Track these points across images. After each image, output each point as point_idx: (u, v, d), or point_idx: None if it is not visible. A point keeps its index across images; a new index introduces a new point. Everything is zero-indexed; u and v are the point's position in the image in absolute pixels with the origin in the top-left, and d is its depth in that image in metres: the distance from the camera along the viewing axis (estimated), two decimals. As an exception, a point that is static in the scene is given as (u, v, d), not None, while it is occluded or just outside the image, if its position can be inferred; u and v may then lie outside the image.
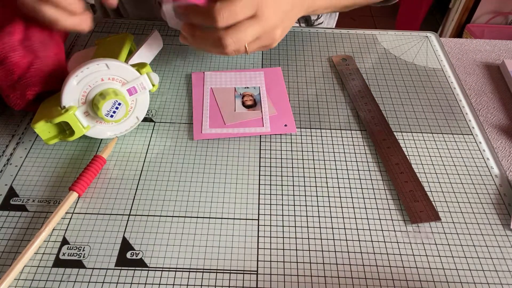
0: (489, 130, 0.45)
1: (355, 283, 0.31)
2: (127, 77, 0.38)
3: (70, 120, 0.36)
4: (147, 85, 0.39)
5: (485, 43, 0.57)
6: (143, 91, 0.39)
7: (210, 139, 0.41)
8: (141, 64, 0.39)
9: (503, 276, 0.32)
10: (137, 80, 0.38)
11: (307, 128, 0.43)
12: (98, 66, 0.36)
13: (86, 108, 0.37)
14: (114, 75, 0.37)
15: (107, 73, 0.36)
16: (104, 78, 0.36)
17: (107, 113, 0.37)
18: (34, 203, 0.35)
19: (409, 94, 0.47)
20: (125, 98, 0.37)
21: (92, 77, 0.36)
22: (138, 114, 0.40)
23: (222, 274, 0.32)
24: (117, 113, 0.37)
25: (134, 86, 0.38)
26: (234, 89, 0.46)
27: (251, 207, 0.36)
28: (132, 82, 0.38)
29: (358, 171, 0.39)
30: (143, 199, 0.36)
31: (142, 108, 0.40)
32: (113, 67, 0.36)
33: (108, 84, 0.37)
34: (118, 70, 0.37)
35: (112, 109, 0.37)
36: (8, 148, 0.40)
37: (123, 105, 0.37)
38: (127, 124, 0.40)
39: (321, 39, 0.54)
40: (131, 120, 0.40)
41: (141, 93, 0.39)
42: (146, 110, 0.41)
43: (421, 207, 0.36)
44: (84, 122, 0.37)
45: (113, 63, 0.36)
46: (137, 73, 0.38)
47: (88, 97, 0.37)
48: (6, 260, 0.32)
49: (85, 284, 0.31)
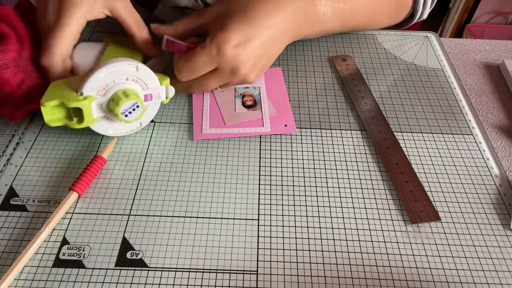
0: (489, 130, 0.45)
1: (355, 283, 0.31)
2: (149, 83, 0.38)
3: (85, 109, 0.36)
4: (163, 96, 0.40)
5: (485, 43, 0.57)
6: (157, 101, 0.40)
7: (210, 139, 0.41)
8: (163, 76, 0.40)
9: (503, 276, 0.32)
10: (156, 89, 0.39)
11: (307, 128, 0.43)
12: (128, 66, 0.36)
13: (102, 102, 0.37)
14: (139, 78, 0.37)
15: (134, 74, 0.37)
16: (129, 78, 0.37)
17: (123, 112, 0.37)
18: (34, 203, 0.35)
19: (409, 94, 0.47)
20: (142, 101, 0.38)
21: (119, 74, 0.36)
22: (142, 120, 0.41)
23: (222, 274, 0.32)
24: (133, 114, 0.37)
25: (152, 93, 0.39)
26: (234, 89, 0.46)
27: (251, 207, 0.36)
28: (151, 89, 0.39)
29: (358, 171, 0.39)
30: (143, 199, 0.36)
31: (148, 116, 0.41)
32: (141, 71, 0.37)
33: (131, 84, 0.37)
34: (145, 74, 0.38)
35: (129, 109, 0.37)
36: (8, 148, 0.40)
37: (140, 108, 0.37)
38: (129, 126, 0.40)
39: (321, 39, 0.54)
40: (134, 124, 0.41)
41: (154, 102, 0.40)
42: (151, 118, 0.41)
43: (421, 207, 0.36)
44: (95, 114, 0.37)
45: (142, 67, 0.37)
46: (158, 82, 0.39)
47: (108, 92, 0.36)
48: (6, 260, 0.32)
49: (85, 284, 0.31)
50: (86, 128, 0.42)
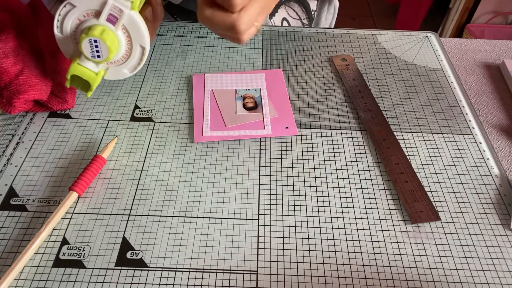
0: (489, 130, 0.45)
1: (355, 283, 0.31)
2: (94, 6, 0.33)
3: (77, 72, 0.34)
4: (123, 4, 0.33)
5: (485, 43, 0.57)
6: (123, 14, 0.33)
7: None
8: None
9: (503, 276, 0.32)
10: (107, 5, 0.33)
11: (307, 128, 0.43)
12: (65, 8, 0.33)
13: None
14: (85, 11, 0.33)
15: (78, 12, 0.33)
16: (80, 18, 0.33)
17: (92, 55, 0.33)
18: (34, 203, 0.35)
19: (409, 94, 0.47)
20: (105, 32, 0.33)
21: (69, 20, 0.33)
22: (140, 42, 0.36)
23: (222, 274, 0.32)
24: (101, 52, 0.33)
25: (110, 13, 0.33)
26: (235, 91, 0.46)
27: (251, 207, 0.36)
28: (104, 10, 0.33)
29: (358, 171, 0.39)
30: (143, 199, 0.36)
31: (140, 34, 0.35)
32: (78, 3, 0.33)
33: (87, 22, 0.33)
34: (83, 3, 0.33)
35: (93, 49, 0.33)
36: (8, 148, 0.40)
37: (101, 42, 0.32)
38: (135, 58, 0.37)
39: (321, 39, 0.54)
40: (137, 52, 0.36)
41: (124, 17, 0.34)
42: (146, 35, 0.35)
43: (421, 207, 0.36)
44: (94, 68, 0.35)
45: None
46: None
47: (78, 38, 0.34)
48: (6, 260, 0.32)
49: (85, 284, 0.31)
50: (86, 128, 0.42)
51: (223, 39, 0.53)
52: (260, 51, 0.52)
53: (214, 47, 0.52)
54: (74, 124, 0.42)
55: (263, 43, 0.53)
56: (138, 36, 0.35)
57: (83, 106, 0.44)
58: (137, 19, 0.34)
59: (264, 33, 0.55)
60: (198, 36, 0.54)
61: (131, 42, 0.36)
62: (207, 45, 0.52)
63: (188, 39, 0.53)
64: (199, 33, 0.54)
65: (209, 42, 0.53)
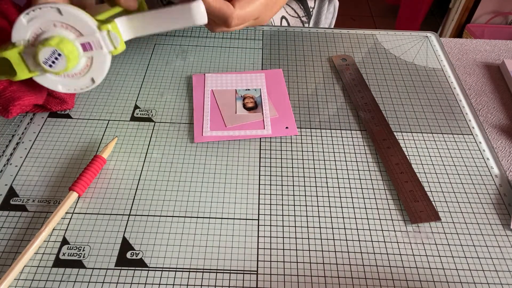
0: (489, 130, 0.45)
1: (355, 283, 0.31)
2: (81, 29, 0.33)
3: (12, 58, 0.33)
4: (106, 45, 0.33)
5: (485, 43, 0.57)
6: (101, 51, 0.34)
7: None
8: (109, 19, 0.34)
9: (503, 276, 0.32)
10: (93, 36, 0.33)
11: (307, 128, 0.43)
12: (50, 9, 0.32)
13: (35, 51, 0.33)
14: (68, 24, 0.33)
15: (60, 19, 0.32)
16: (56, 24, 0.33)
17: (46, 61, 0.33)
18: (34, 203, 0.35)
19: (409, 94, 0.47)
20: (73, 52, 0.33)
21: (45, 20, 0.32)
22: (94, 76, 0.35)
23: (222, 274, 0.32)
24: (56, 64, 0.33)
25: (89, 42, 0.33)
26: (235, 91, 0.46)
27: (251, 207, 0.36)
28: (87, 36, 0.33)
29: (358, 171, 0.39)
30: (143, 199, 0.36)
31: (99, 70, 0.35)
32: (66, 14, 0.32)
33: (60, 31, 0.33)
34: (71, 18, 0.32)
35: (51, 58, 0.33)
36: (8, 148, 0.40)
37: (63, 57, 0.32)
38: (80, 82, 0.36)
39: (321, 39, 0.54)
40: (86, 80, 0.36)
41: (100, 53, 0.34)
42: (104, 74, 0.36)
43: (421, 207, 0.36)
44: (31, 66, 0.34)
45: (67, 9, 0.32)
46: (94, 27, 0.33)
47: (38, 39, 0.33)
48: (6, 260, 0.32)
49: (85, 284, 0.31)
50: (86, 128, 0.42)
51: (223, 39, 0.53)
52: (260, 51, 0.52)
53: (214, 47, 0.52)
54: (74, 124, 0.42)
55: (263, 43, 0.53)
56: (97, 71, 0.35)
57: (83, 106, 0.44)
58: (108, 61, 0.35)
59: (264, 33, 0.55)
60: (198, 36, 0.54)
61: (87, 71, 0.35)
62: (207, 45, 0.52)
63: (188, 39, 0.53)
64: (199, 33, 0.54)
65: (209, 42, 0.53)
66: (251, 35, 0.54)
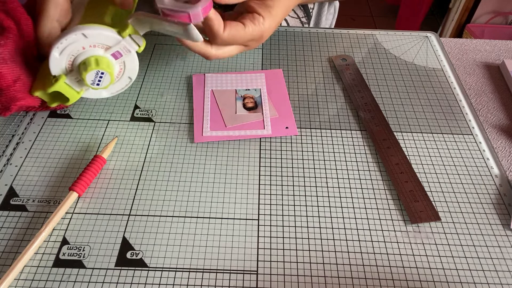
0: (489, 130, 0.45)
1: (355, 283, 0.31)
2: (108, 42, 0.36)
3: (61, 89, 0.37)
4: (132, 47, 0.37)
5: (485, 43, 0.57)
6: (130, 53, 0.38)
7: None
8: (123, 26, 0.36)
9: (503, 276, 0.32)
10: (119, 44, 0.37)
11: (307, 128, 0.43)
12: (76, 37, 0.35)
13: (76, 74, 0.37)
14: (94, 43, 0.36)
15: (87, 42, 0.36)
16: (85, 47, 0.36)
17: (93, 82, 0.37)
18: (34, 203, 0.35)
19: (409, 94, 0.47)
20: (109, 65, 0.37)
21: (73, 47, 0.36)
22: (130, 75, 0.40)
23: (222, 274, 0.32)
24: (103, 82, 0.37)
25: (118, 50, 0.37)
26: (235, 91, 0.46)
27: (251, 207, 0.36)
28: (114, 47, 0.37)
29: (358, 171, 0.39)
30: (143, 199, 0.36)
31: (132, 69, 0.40)
32: (91, 36, 0.35)
33: (91, 51, 0.36)
34: (96, 37, 0.36)
35: (96, 78, 0.37)
36: (8, 148, 0.40)
37: (107, 74, 0.37)
38: (120, 84, 0.40)
39: (321, 39, 0.54)
40: (124, 81, 0.40)
41: (128, 56, 0.38)
42: (137, 70, 0.40)
43: (421, 207, 0.36)
44: (76, 88, 0.38)
45: (90, 32, 0.35)
46: (118, 37, 0.36)
47: (74, 64, 0.37)
48: (6, 260, 0.32)
49: (85, 284, 0.31)
50: (86, 128, 0.42)
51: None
52: (260, 51, 0.52)
53: (214, 47, 0.52)
54: (74, 124, 0.42)
55: (263, 43, 0.53)
56: (131, 70, 0.40)
57: (83, 106, 0.44)
58: (136, 58, 0.39)
59: (264, 33, 0.55)
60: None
61: (122, 73, 0.40)
62: (207, 45, 0.52)
63: (188, 39, 0.53)
64: (199, 33, 0.54)
65: (209, 42, 0.53)
66: (251, 35, 0.54)
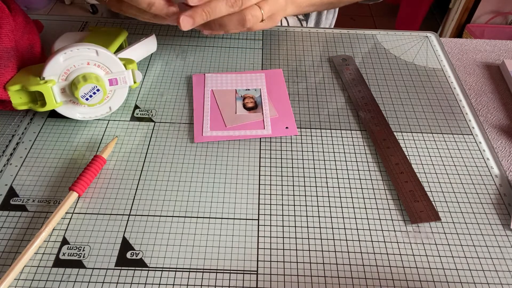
0: (489, 130, 0.45)
1: (355, 283, 0.31)
2: (112, 68, 0.39)
3: (45, 92, 0.37)
4: (129, 80, 0.40)
5: (485, 43, 0.57)
6: (123, 85, 0.40)
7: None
8: (129, 60, 0.40)
9: (503, 276, 0.32)
10: (121, 73, 0.39)
11: (307, 128, 0.43)
12: (88, 50, 0.37)
13: (64, 86, 0.38)
14: (100, 63, 0.38)
15: (94, 59, 0.38)
16: (90, 63, 0.38)
17: (83, 96, 0.37)
18: (34, 203, 0.35)
19: (409, 94, 0.47)
20: (104, 86, 0.38)
21: (79, 59, 0.37)
22: (112, 105, 0.41)
23: (222, 274, 0.32)
24: (93, 98, 0.38)
25: (116, 78, 0.39)
26: (235, 91, 0.46)
27: (251, 207, 0.36)
28: (115, 74, 0.39)
29: (358, 171, 0.39)
30: (143, 199, 0.36)
31: (117, 100, 0.41)
32: (102, 55, 0.38)
33: (92, 69, 0.38)
34: (106, 59, 0.38)
35: (89, 92, 0.38)
36: (8, 148, 0.40)
37: (101, 92, 0.38)
38: (99, 111, 0.41)
39: (321, 39, 0.54)
40: (104, 109, 0.41)
41: (121, 87, 0.40)
42: (121, 103, 0.42)
43: (421, 207, 0.36)
44: (58, 98, 0.38)
45: (103, 51, 0.38)
46: (123, 67, 0.39)
47: (70, 76, 0.37)
48: (6, 260, 0.32)
49: (85, 284, 0.31)
50: (86, 128, 0.42)
51: (223, 39, 0.53)
52: (260, 51, 0.52)
53: (214, 47, 0.52)
54: (74, 124, 0.42)
55: (263, 43, 0.53)
56: (115, 101, 0.41)
57: (83, 106, 0.44)
58: (126, 94, 0.41)
59: (264, 33, 0.55)
60: (198, 36, 0.54)
61: (107, 101, 0.41)
62: (207, 45, 0.52)
63: (188, 39, 0.53)
64: (199, 33, 0.54)
65: (209, 42, 0.53)
66: (251, 35, 0.54)
